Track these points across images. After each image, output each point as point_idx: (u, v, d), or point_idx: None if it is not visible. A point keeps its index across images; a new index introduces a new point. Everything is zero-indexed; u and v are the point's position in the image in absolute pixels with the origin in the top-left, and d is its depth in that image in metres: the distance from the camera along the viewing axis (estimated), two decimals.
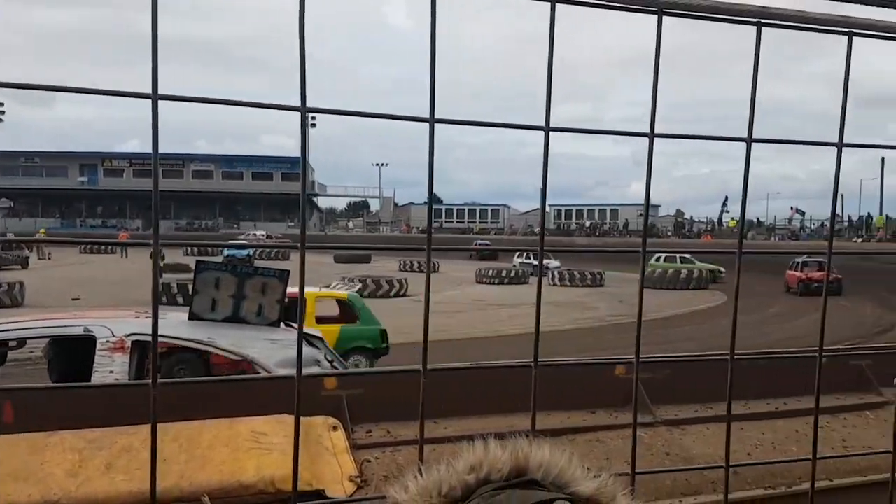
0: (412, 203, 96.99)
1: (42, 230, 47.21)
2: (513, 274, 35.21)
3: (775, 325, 19.86)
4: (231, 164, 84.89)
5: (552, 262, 40.45)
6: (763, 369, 4.84)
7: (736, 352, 1.01)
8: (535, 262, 28.20)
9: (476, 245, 45.50)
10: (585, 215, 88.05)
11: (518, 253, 43.89)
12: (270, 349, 4.58)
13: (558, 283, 33.70)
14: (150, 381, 0.80)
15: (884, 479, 4.14)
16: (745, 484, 4.17)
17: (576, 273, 34.32)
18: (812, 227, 65.67)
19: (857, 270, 28.19)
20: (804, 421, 5.52)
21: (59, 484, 2.92)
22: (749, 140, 1.02)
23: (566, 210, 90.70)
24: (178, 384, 3.79)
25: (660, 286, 31.57)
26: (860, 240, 51.64)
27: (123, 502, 2.85)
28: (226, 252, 38.34)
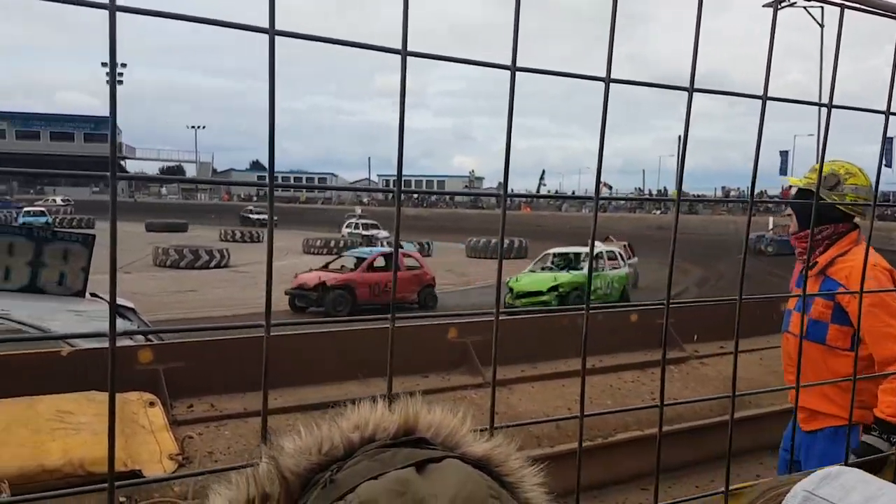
0: (233, 169, 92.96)
1: None
2: (342, 244, 34.95)
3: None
4: (27, 123, 76.32)
5: (381, 233, 40.63)
6: (580, 329, 5.19)
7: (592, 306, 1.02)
8: (364, 232, 28.02)
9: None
10: (413, 186, 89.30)
11: (347, 223, 43.57)
12: (76, 321, 4.14)
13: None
14: None
15: (697, 426, 4.54)
16: (567, 437, 4.44)
17: (403, 243, 34.78)
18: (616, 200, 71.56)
19: (651, 240, 31.01)
20: (616, 376, 5.99)
21: None
22: (764, 98, 1.05)
23: (394, 181, 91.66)
24: None
25: (483, 255, 32.94)
26: (658, 212, 56.81)
27: None
28: (21, 219, 34.59)
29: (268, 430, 0.97)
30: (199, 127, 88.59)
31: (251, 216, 47.69)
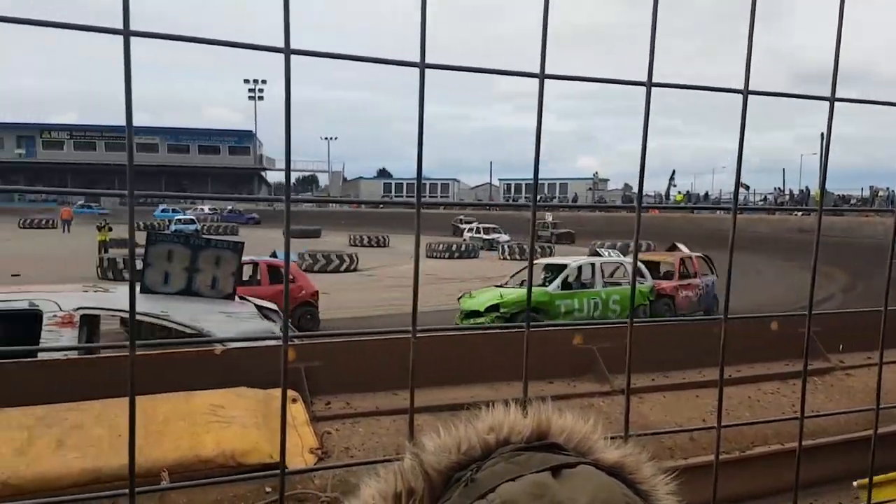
0: (361, 177, 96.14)
1: None
2: (463, 248, 35.32)
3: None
4: (177, 137, 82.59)
5: (502, 237, 40.69)
6: (716, 337, 4.97)
7: (729, 314, 1.00)
8: (485, 236, 27.31)
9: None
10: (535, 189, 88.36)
11: (468, 227, 43.96)
12: (226, 322, 4.47)
13: (508, 257, 33.98)
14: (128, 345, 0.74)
15: (844, 440, 4.26)
16: (701, 449, 4.28)
17: (525, 246, 34.61)
18: (756, 201, 67.61)
19: (791, 243, 29.09)
20: (755, 387, 5.69)
21: (7, 463, 2.80)
22: (649, 84, 0.99)
23: (515, 184, 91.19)
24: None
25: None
26: (800, 214, 53.30)
27: (76, 480, 2.76)
28: (173, 227, 37.49)
29: (408, 428, 1.03)
30: (331, 138, 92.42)
31: (460, 225, 47.11)
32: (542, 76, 0.85)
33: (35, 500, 2.56)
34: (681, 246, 19.54)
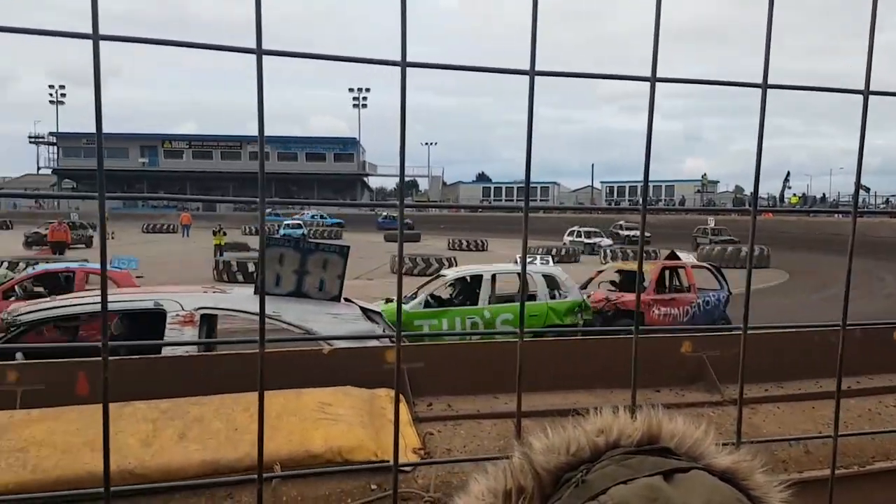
0: (460, 182, 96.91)
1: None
2: (563, 252, 34.86)
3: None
4: (286, 146, 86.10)
5: (603, 241, 39.96)
6: (834, 347, 4.70)
7: (848, 323, 0.96)
8: (587, 240, 26.36)
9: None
10: (638, 191, 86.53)
11: (569, 231, 43.39)
12: (332, 323, 4.64)
13: (610, 262, 33.36)
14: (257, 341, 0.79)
15: None
16: (817, 463, 4.06)
17: (629, 251, 33.84)
18: (877, 203, 63.02)
19: None
20: (876, 399, 5.33)
21: (133, 453, 3.02)
22: (764, 86, 0.95)
23: (618, 187, 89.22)
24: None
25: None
26: None
27: (196, 471, 2.93)
28: (282, 231, 39.07)
29: (508, 432, 1.05)
30: (431, 143, 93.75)
31: (621, 232, 45.91)
32: (653, 79, 0.84)
33: (174, 483, 2.74)
34: (683, 254, 16.86)
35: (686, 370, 4.89)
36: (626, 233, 44.94)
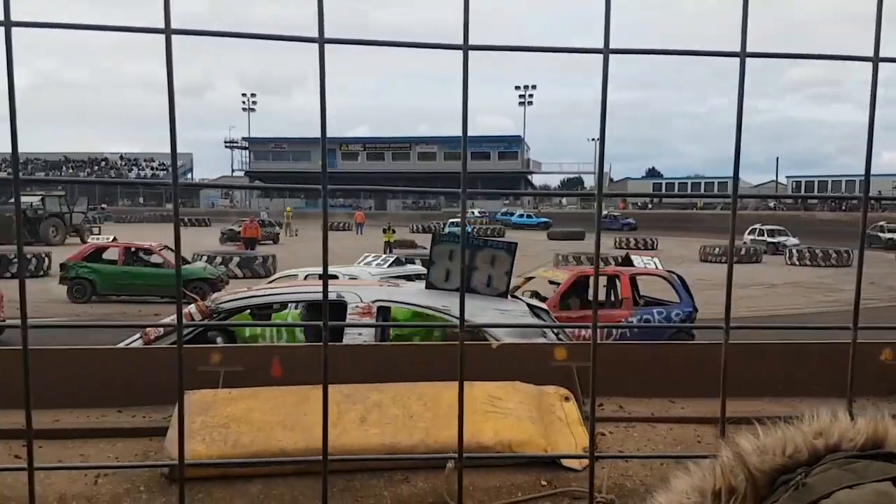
0: (628, 178, 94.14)
1: (288, 209, 52.67)
2: (743, 251, 32.67)
3: None
4: (452, 145, 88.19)
5: (790, 240, 37.06)
6: None
7: None
8: (770, 239, 24.09)
9: None
10: (829, 187, 79.40)
11: (750, 229, 40.63)
12: (499, 319, 4.71)
13: (797, 262, 30.85)
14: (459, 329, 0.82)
15: None
16: None
17: (817, 251, 31.14)
18: None
19: None
20: None
21: (320, 434, 3.26)
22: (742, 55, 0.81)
23: (806, 182, 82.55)
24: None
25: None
26: None
27: (375, 453, 3.10)
28: (448, 228, 40.07)
29: (686, 438, 1.01)
30: (597, 139, 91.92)
31: (882, 235, 39.88)
32: (606, 51, 0.75)
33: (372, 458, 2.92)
34: (637, 258, 13.44)
35: (886, 380, 4.44)
36: (889, 235, 39.28)
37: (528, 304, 5.36)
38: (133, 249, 19.06)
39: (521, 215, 58.85)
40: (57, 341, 5.79)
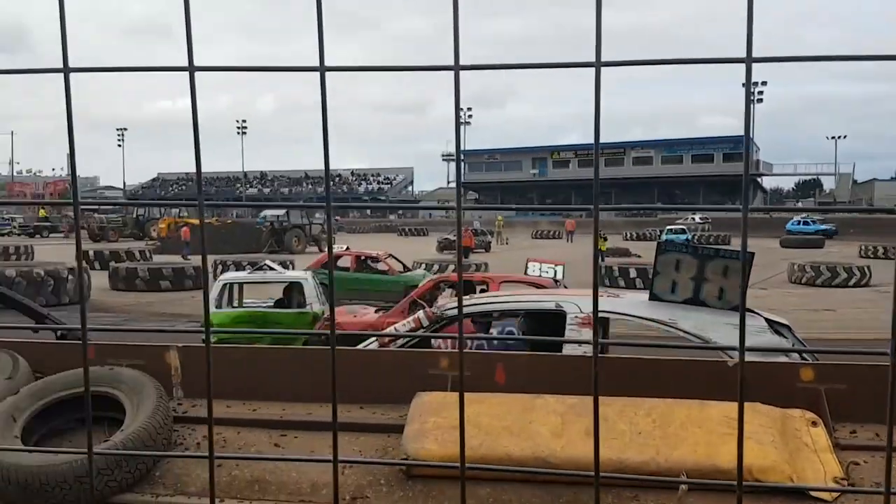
0: (875, 179, 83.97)
1: (500, 218, 53.86)
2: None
3: None
4: (671, 149, 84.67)
5: None
6: None
7: None
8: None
9: None
10: None
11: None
12: (734, 334, 4.40)
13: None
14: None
15: None
16: None
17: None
18: None
19: None
20: None
21: (545, 442, 3.26)
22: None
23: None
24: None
25: None
26: None
27: (602, 468, 3.06)
28: (665, 236, 38.48)
29: None
30: (838, 137, 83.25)
31: None
32: (598, 64, 0.68)
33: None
34: (535, 264, 13.33)
35: None
36: None
37: (767, 320, 4.95)
38: (363, 257, 20.67)
39: (798, 221, 53.45)
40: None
